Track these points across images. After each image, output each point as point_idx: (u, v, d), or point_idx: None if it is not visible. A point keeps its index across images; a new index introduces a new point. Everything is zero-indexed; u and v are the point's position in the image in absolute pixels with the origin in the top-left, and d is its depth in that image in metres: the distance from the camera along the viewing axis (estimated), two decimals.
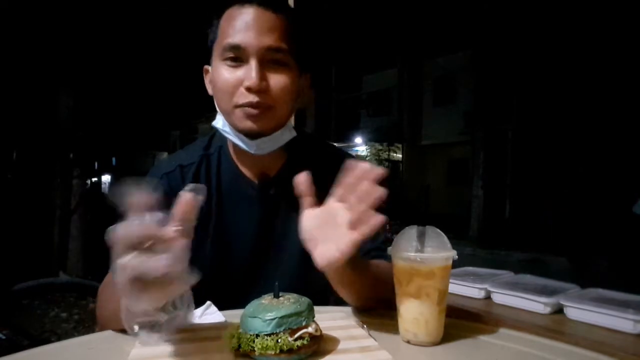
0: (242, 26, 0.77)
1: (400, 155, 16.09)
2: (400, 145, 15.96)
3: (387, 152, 16.39)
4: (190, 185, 0.55)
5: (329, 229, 0.61)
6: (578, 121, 9.65)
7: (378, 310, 0.77)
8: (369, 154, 16.46)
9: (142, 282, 0.48)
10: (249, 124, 0.79)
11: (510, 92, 10.68)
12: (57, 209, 5.24)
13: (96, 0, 5.42)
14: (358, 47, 14.99)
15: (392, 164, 16.31)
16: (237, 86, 0.78)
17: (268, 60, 0.78)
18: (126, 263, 0.47)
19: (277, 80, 0.79)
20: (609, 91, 9.15)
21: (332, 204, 0.63)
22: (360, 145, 17.27)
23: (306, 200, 0.64)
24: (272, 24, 0.78)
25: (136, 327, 0.55)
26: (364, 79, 18.08)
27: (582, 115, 9.54)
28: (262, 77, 0.77)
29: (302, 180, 0.63)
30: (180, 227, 0.52)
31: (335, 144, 1.01)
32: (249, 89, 0.77)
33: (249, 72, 0.76)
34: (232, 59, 0.78)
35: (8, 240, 5.62)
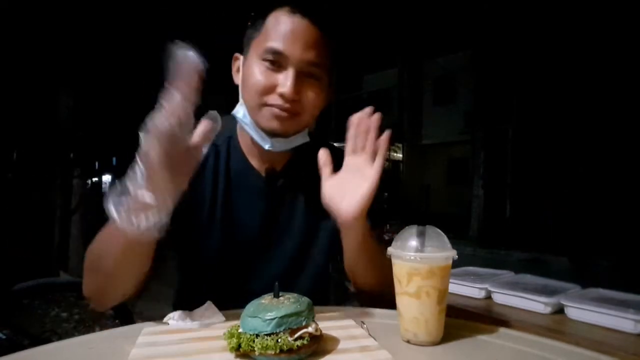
0: (288, 34, 0.79)
1: (401, 155, 16.09)
2: (400, 145, 15.95)
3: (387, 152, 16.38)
4: (209, 113, 0.63)
5: (348, 183, 0.73)
6: (578, 121, 9.64)
7: (378, 310, 0.78)
8: None
9: (170, 157, 0.58)
10: (274, 124, 0.81)
11: (510, 92, 10.67)
12: (57, 209, 5.24)
13: (96, 0, 5.42)
14: (358, 47, 14.98)
15: (392, 164, 16.30)
16: (271, 89, 0.80)
17: (305, 73, 0.81)
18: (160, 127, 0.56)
19: (310, 93, 0.82)
20: (609, 91, 9.14)
21: (346, 162, 0.76)
22: None
23: (325, 170, 0.76)
24: (316, 39, 0.81)
25: (134, 219, 0.58)
26: (365, 79, 18.08)
27: (582, 115, 9.54)
28: (298, 88, 0.80)
29: (322, 153, 0.76)
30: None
31: (335, 144, 1.03)
32: (281, 95, 0.79)
33: (286, 80, 0.79)
34: (271, 62, 0.80)
35: (8, 240, 5.62)
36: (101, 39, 5.73)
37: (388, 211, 12.83)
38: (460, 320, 0.74)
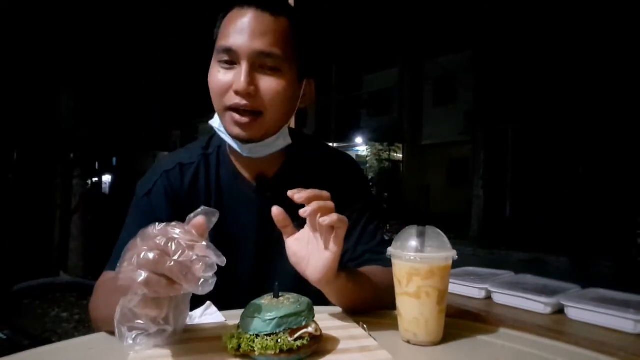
0: (237, 29, 0.77)
1: (401, 155, 16.09)
2: (400, 145, 15.95)
3: (387, 152, 16.37)
4: (203, 208, 0.58)
5: (312, 246, 0.66)
6: (578, 121, 9.65)
7: (378, 310, 0.78)
8: (369, 154, 16.45)
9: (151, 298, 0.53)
10: (236, 130, 0.79)
11: (511, 92, 10.68)
12: (57, 209, 5.24)
13: (96, 0, 5.42)
14: (358, 47, 14.99)
15: (392, 164, 16.29)
16: (228, 89, 0.77)
17: (260, 65, 0.77)
18: (145, 280, 0.50)
19: (268, 85, 0.77)
20: (609, 91, 9.14)
21: (309, 221, 0.67)
22: (360, 145, 17.26)
23: (286, 231, 0.69)
24: (267, 27, 0.77)
25: (127, 333, 0.56)
26: (365, 79, 18.07)
27: (582, 115, 9.54)
28: (251, 81, 0.76)
29: (276, 214, 0.67)
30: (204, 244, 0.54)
31: (335, 144, 1.01)
32: (236, 92, 0.76)
33: (238, 76, 0.76)
34: (226, 62, 0.78)
35: (8, 240, 5.62)
36: (101, 39, 5.73)
37: (386, 211, 12.83)
38: (460, 320, 0.74)
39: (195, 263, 0.51)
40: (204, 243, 0.53)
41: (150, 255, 0.50)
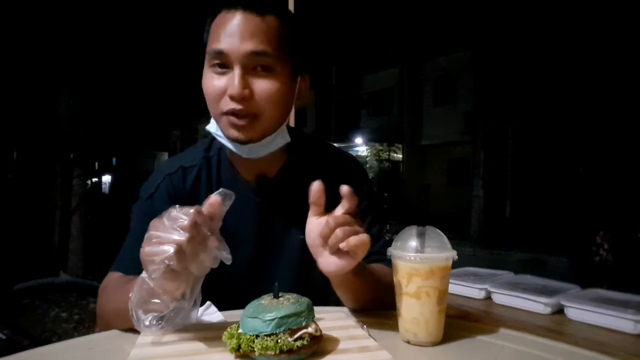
0: (227, 32, 0.76)
1: (401, 155, 16.09)
2: (400, 145, 15.95)
3: (387, 152, 16.38)
4: (220, 190, 0.61)
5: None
6: (578, 120, 9.65)
7: (378, 310, 0.78)
8: (369, 154, 16.45)
9: (173, 271, 0.56)
10: (234, 133, 0.78)
11: (510, 91, 10.68)
12: (57, 209, 5.25)
13: (96, 0, 5.42)
14: (358, 47, 14.99)
15: (392, 164, 16.30)
16: (222, 94, 0.77)
17: (253, 67, 0.76)
18: (168, 255, 0.54)
19: (262, 87, 0.77)
20: (609, 90, 9.14)
21: (338, 214, 0.63)
22: (360, 145, 17.26)
23: (314, 209, 0.66)
24: (256, 28, 0.76)
25: (142, 316, 0.58)
26: (364, 79, 18.07)
27: (582, 115, 9.54)
28: (245, 84, 0.75)
29: (316, 189, 0.65)
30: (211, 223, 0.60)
31: (335, 144, 1.00)
32: (231, 97, 0.75)
33: (232, 80, 0.75)
34: (219, 65, 0.77)
35: (8, 240, 5.62)
36: (101, 39, 5.73)
37: (388, 211, 12.83)
38: (460, 320, 0.74)
39: (211, 239, 0.59)
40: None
41: (187, 223, 0.55)
